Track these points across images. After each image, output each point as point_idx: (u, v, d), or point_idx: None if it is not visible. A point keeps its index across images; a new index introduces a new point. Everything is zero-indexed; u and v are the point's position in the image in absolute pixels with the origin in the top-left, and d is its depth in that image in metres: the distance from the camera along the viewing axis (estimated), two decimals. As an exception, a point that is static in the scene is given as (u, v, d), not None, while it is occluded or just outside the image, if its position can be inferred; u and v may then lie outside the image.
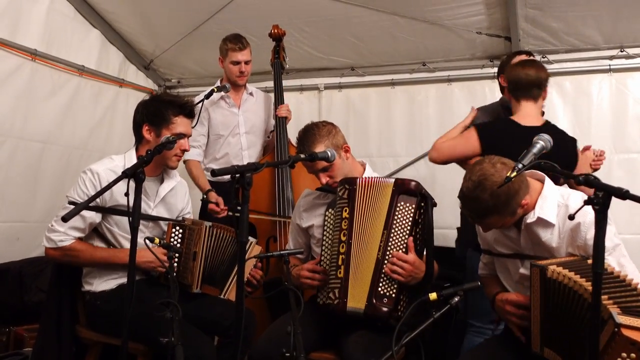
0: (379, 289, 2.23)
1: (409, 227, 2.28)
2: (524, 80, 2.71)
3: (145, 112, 2.55)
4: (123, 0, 4.00)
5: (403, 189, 2.32)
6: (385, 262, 2.25)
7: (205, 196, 3.39)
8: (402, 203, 2.30)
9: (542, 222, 2.02)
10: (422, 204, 2.31)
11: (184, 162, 3.53)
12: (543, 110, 2.94)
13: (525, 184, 1.99)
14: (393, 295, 2.23)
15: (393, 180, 2.35)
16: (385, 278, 2.24)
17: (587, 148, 3.05)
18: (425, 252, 2.34)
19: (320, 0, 3.79)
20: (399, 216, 2.29)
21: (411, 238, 2.27)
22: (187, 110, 2.58)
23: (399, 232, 2.28)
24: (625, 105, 3.85)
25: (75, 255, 2.45)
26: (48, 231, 2.44)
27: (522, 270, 2.10)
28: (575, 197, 2.04)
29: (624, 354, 1.64)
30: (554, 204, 2.03)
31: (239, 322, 1.80)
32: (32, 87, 3.61)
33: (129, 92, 4.50)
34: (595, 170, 2.98)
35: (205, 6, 3.97)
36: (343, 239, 2.32)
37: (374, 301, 2.22)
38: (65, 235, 2.41)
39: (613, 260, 1.95)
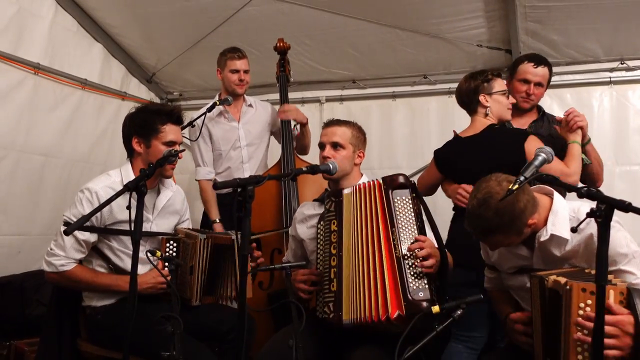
0: (411, 284, 2.16)
1: (413, 218, 2.27)
2: (457, 97, 2.92)
3: (132, 125, 2.53)
4: (125, 14, 4.04)
5: (394, 184, 2.31)
6: (407, 256, 2.19)
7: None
8: (399, 197, 2.29)
9: (556, 239, 1.98)
10: (414, 194, 2.32)
11: (197, 180, 3.58)
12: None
13: (532, 203, 1.94)
14: (426, 286, 2.16)
15: (380, 179, 2.34)
16: (412, 273, 2.17)
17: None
18: (434, 238, 2.31)
19: (322, 13, 3.81)
20: (401, 210, 2.28)
21: (417, 228, 2.26)
22: (175, 117, 2.56)
23: (406, 224, 2.26)
24: (627, 117, 3.86)
25: (76, 281, 2.43)
26: (48, 255, 2.40)
27: (529, 285, 2.06)
28: (586, 210, 2.01)
29: (582, 304, 1.68)
30: (566, 219, 1.98)
31: (241, 333, 1.80)
32: (35, 101, 3.63)
33: (132, 105, 4.47)
34: (580, 127, 2.72)
35: (207, 20, 3.99)
36: (333, 252, 2.31)
37: (412, 298, 2.12)
38: (67, 259, 2.38)
39: (634, 267, 1.90)
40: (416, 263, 2.17)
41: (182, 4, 3.84)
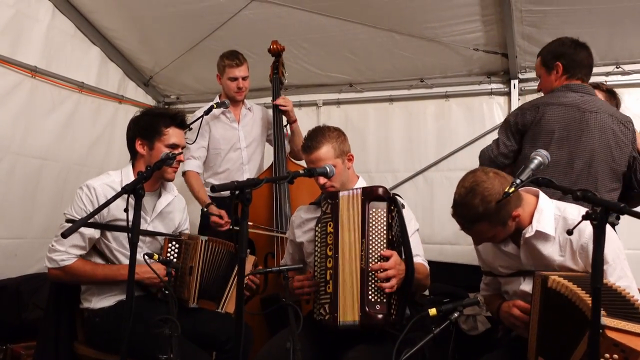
0: (370, 297, 2.22)
1: (384, 232, 2.28)
2: None
3: (136, 127, 2.56)
4: (123, 17, 4.04)
5: (372, 196, 2.32)
6: (370, 270, 2.23)
7: (205, 209, 3.39)
8: (374, 210, 2.31)
9: (542, 236, 2.03)
10: (392, 207, 2.32)
11: (183, 173, 3.54)
12: None
13: (516, 195, 1.99)
14: (384, 300, 2.22)
15: (361, 189, 2.36)
16: (373, 286, 2.23)
17: None
18: (403, 252, 2.32)
19: (319, 17, 3.83)
20: (373, 223, 2.30)
21: (387, 241, 2.27)
22: (179, 120, 2.58)
23: (376, 238, 2.28)
24: (622, 121, 3.86)
25: (77, 274, 2.44)
26: (49, 251, 2.42)
27: (522, 287, 2.10)
28: (572, 209, 2.06)
29: (607, 355, 1.66)
30: (551, 217, 2.05)
31: (238, 338, 1.80)
32: (32, 104, 3.63)
33: (129, 108, 4.51)
34: None
35: (204, 23, 4.00)
36: (329, 253, 2.33)
37: (367, 310, 2.20)
38: (67, 254, 2.40)
39: (611, 275, 1.96)
40: (376, 278, 2.21)
41: (179, 8, 3.85)
